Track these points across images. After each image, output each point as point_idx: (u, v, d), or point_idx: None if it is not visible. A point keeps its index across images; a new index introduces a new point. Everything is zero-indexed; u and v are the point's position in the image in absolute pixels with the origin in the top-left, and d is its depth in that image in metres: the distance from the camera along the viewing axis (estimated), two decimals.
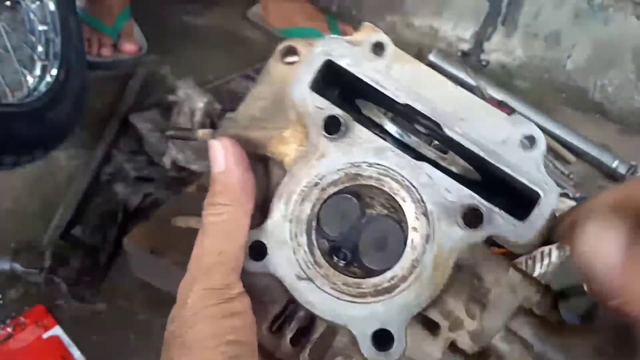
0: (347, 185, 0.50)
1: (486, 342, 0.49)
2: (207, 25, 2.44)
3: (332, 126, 0.50)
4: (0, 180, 1.70)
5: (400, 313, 0.49)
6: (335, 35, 0.53)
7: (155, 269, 1.45)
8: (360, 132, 0.51)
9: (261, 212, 0.51)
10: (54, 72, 1.60)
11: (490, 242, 0.50)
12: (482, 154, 0.49)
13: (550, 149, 1.93)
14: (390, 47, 0.51)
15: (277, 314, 0.52)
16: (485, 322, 0.49)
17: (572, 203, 1.66)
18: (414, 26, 2.35)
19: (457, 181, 0.50)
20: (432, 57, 2.16)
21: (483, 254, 0.50)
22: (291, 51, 0.54)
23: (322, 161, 0.50)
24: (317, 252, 0.51)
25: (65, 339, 1.40)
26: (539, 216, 0.48)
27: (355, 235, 0.51)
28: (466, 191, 0.49)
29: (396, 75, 0.51)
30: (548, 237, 0.49)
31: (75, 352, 1.38)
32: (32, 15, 1.64)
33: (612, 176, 1.96)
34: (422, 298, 0.49)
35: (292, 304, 0.52)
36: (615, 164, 1.95)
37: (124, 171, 1.72)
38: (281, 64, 0.54)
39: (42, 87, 1.58)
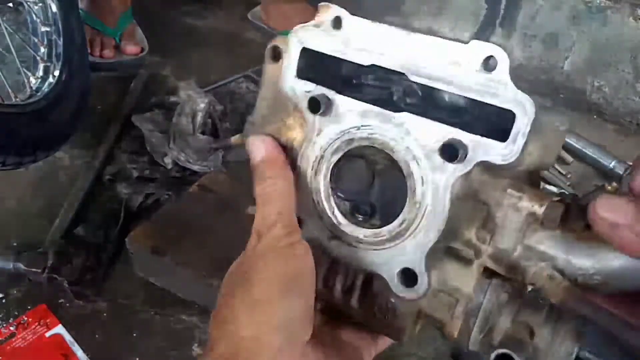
0: (345, 150, 0.56)
1: (507, 263, 0.51)
2: (208, 26, 2.46)
3: (316, 105, 0.55)
4: (3, 181, 1.71)
5: (416, 251, 0.53)
6: (302, 24, 0.58)
7: (156, 268, 1.46)
8: (343, 102, 0.55)
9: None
10: (57, 73, 1.61)
11: (487, 166, 0.50)
12: (445, 88, 0.50)
13: None
14: (346, 18, 0.56)
15: (325, 271, 0.59)
16: (499, 244, 0.51)
17: None
18: (413, 27, 2.36)
19: (437, 121, 0.51)
20: None
21: (479, 180, 0.51)
22: (276, 50, 0.59)
23: (320, 136, 0.57)
24: (339, 214, 0.57)
25: (68, 337, 1.40)
26: (519, 132, 0.47)
27: (369, 192, 0.56)
28: (447, 128, 0.50)
29: (356, 43, 0.55)
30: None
31: (78, 351, 1.38)
32: (34, 17, 1.65)
33: (610, 176, 1.98)
34: (431, 234, 0.52)
35: (336, 263, 0.59)
36: (612, 165, 1.96)
37: (126, 171, 1.73)
38: (272, 64, 0.59)
39: (45, 88, 1.59)
